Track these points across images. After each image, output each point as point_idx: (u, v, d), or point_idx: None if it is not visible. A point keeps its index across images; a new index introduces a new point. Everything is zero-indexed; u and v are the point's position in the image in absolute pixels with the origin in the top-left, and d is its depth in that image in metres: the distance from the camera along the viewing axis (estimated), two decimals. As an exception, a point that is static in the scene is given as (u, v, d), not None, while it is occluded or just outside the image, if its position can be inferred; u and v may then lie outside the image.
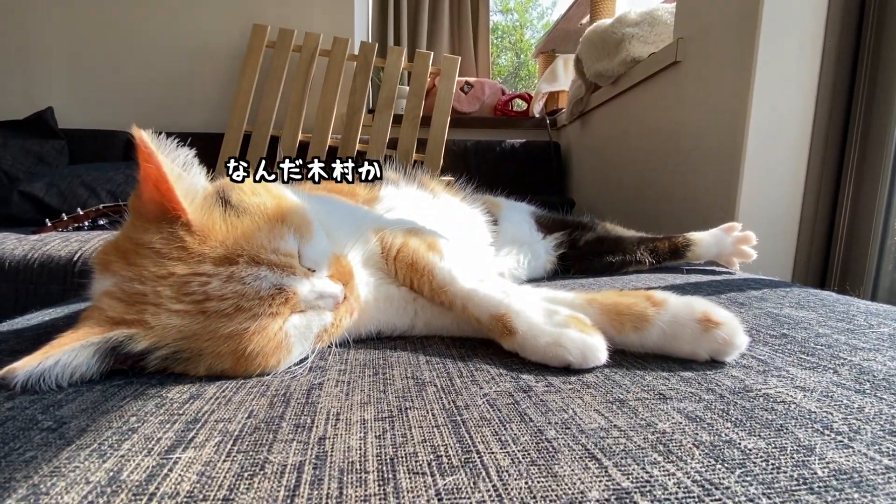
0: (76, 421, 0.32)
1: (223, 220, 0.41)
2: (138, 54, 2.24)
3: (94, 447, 0.29)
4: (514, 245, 0.90)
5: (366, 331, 0.54)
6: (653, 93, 1.51)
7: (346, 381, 0.41)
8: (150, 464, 0.27)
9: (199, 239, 0.39)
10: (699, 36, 1.28)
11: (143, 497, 0.25)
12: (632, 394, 0.39)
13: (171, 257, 0.38)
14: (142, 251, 0.40)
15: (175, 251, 0.38)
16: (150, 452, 0.29)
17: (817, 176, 1.10)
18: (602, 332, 0.44)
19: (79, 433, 0.31)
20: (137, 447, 0.29)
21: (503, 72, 6.60)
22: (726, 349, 0.43)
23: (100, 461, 0.28)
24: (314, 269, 0.45)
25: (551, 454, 0.30)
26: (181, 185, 0.40)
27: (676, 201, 1.38)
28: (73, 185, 1.80)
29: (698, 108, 1.28)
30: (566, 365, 0.43)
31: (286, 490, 0.26)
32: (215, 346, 0.39)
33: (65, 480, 0.26)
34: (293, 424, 0.33)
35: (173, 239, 0.39)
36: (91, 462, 0.27)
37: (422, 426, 0.33)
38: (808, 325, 0.58)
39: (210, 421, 0.33)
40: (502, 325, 0.46)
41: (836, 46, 1.06)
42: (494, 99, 2.36)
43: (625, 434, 0.33)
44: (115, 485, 0.26)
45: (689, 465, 0.29)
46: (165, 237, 0.39)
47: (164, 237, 0.39)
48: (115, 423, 0.32)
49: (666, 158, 1.44)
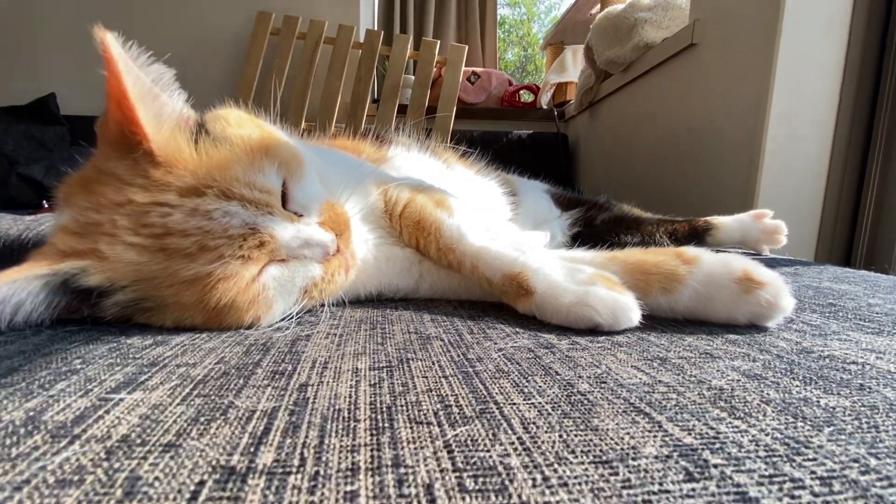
0: (8, 361, 0.27)
1: (196, 149, 0.35)
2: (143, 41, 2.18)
3: (21, 386, 0.23)
4: (535, 223, 0.84)
5: (365, 291, 0.48)
6: (667, 78, 1.46)
7: (338, 333, 0.35)
8: (83, 405, 0.22)
9: (164, 169, 0.33)
10: (717, 17, 1.23)
11: (64, 439, 0.19)
12: (672, 352, 0.33)
13: (133, 184, 0.33)
14: (103, 178, 0.34)
15: (138, 179, 0.33)
16: (87, 393, 0.23)
17: (842, 157, 1.04)
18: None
19: (7, 372, 0.25)
20: (73, 387, 0.23)
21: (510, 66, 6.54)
22: (770, 312, 0.38)
23: (22, 400, 0.22)
24: (302, 213, 0.39)
25: (587, 407, 0.24)
26: (149, 105, 0.34)
27: (693, 188, 1.32)
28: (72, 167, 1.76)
29: (716, 92, 1.22)
30: (594, 326, 0.37)
31: (250, 437, 0.20)
32: (178, 294, 0.33)
33: (-31, 418, 0.20)
34: (270, 371, 0.27)
35: (136, 166, 0.33)
36: (10, 401, 0.22)
37: (426, 376, 0.27)
38: (856, 296, 0.52)
39: (170, 365, 0.27)
40: (517, 284, 0.40)
41: (865, 23, 1.00)
42: (501, 90, 2.31)
43: (674, 390, 0.27)
44: (32, 425, 0.20)
45: (763, 422, 0.23)
46: (128, 164, 0.33)
47: (126, 163, 0.33)
48: (54, 364, 0.26)
49: (681, 145, 1.38)
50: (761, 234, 0.86)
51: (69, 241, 0.33)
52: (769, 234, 0.86)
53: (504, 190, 0.82)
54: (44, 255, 0.33)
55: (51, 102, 2.11)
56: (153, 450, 0.18)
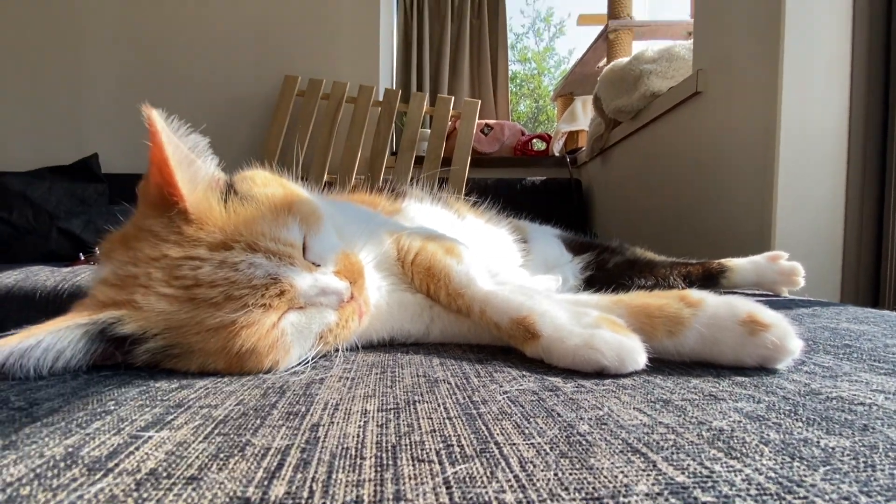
0: (49, 403, 0.29)
1: (225, 207, 0.39)
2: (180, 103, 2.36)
3: (60, 426, 0.26)
4: (546, 267, 0.85)
5: (377, 337, 0.50)
6: (675, 124, 1.50)
7: (350, 377, 0.37)
8: (116, 442, 0.24)
9: (197, 226, 0.37)
10: (720, 66, 1.28)
11: (99, 472, 0.21)
12: (677, 395, 0.34)
13: (168, 241, 0.36)
14: (141, 235, 0.38)
15: (172, 235, 0.37)
16: (119, 432, 0.25)
17: (858, 193, 1.04)
18: None
19: (48, 413, 0.27)
20: (108, 426, 0.26)
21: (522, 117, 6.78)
22: (777, 355, 0.38)
23: (61, 438, 0.24)
24: (320, 263, 0.42)
25: (585, 447, 0.25)
26: (185, 170, 0.38)
27: (709, 230, 1.32)
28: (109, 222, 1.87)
29: (724, 136, 1.25)
30: (600, 370, 0.37)
31: (265, 472, 0.21)
32: (204, 341, 0.36)
33: (17, 453, 0.22)
34: (285, 412, 0.29)
35: (171, 224, 0.37)
36: (51, 438, 0.24)
37: (431, 417, 0.29)
38: (873, 337, 0.51)
39: (194, 407, 0.29)
40: (524, 328, 0.41)
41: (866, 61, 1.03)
42: (514, 140, 2.39)
43: (673, 431, 0.27)
44: (71, 459, 0.22)
45: (759, 461, 0.23)
46: (164, 222, 0.37)
47: (162, 221, 0.37)
48: (90, 405, 0.29)
49: (694, 189, 1.40)
50: (777, 275, 0.86)
51: (108, 292, 0.36)
52: (786, 275, 0.85)
53: (515, 237, 0.85)
54: (84, 305, 0.36)
55: (93, 162, 2.28)
56: (177, 482, 0.20)
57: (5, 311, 1.32)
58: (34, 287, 1.39)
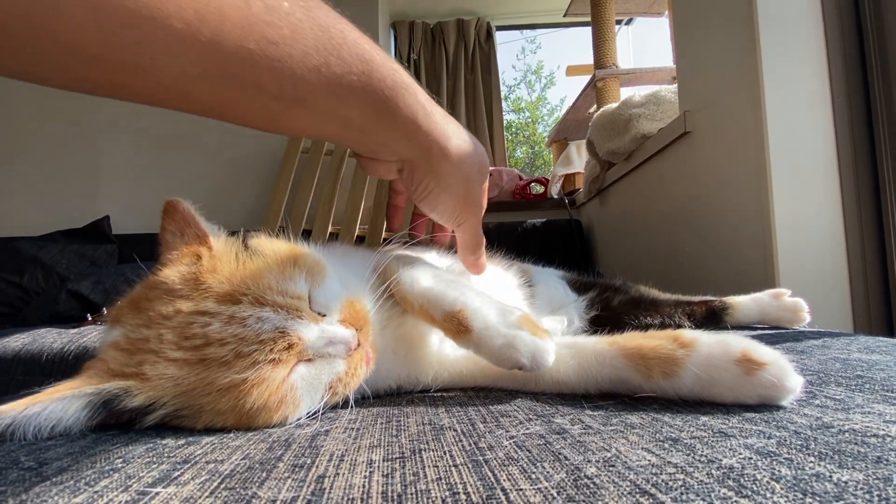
0: (59, 462, 0.29)
1: (235, 257, 0.41)
2: (188, 165, 2.50)
3: (69, 484, 0.26)
4: (551, 308, 0.85)
5: (384, 385, 0.50)
6: (668, 163, 1.54)
7: (355, 427, 0.37)
8: (124, 499, 0.24)
9: (210, 267, 0.39)
10: (705, 106, 1.33)
11: (107, 531, 0.21)
12: (685, 433, 0.33)
13: (181, 294, 0.38)
14: (153, 294, 0.39)
15: (187, 284, 0.38)
16: (127, 489, 0.25)
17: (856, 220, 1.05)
18: (629, 380, 0.41)
19: (57, 472, 0.28)
20: (115, 484, 0.26)
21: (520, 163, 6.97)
22: (776, 394, 0.37)
23: (70, 496, 0.24)
24: (325, 313, 0.43)
25: (592, 490, 0.25)
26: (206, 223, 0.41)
27: (710, 267, 1.32)
28: (118, 283, 1.90)
29: (717, 173, 1.28)
30: (518, 367, 0.41)
31: (272, 525, 0.21)
32: (215, 402, 0.36)
33: (26, 515, 0.23)
34: (291, 465, 0.29)
35: (190, 267, 0.39)
36: (61, 497, 0.24)
37: (437, 465, 0.28)
38: (886, 367, 0.50)
39: (200, 462, 0.29)
40: (458, 322, 0.44)
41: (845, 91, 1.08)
42: (513, 184, 2.45)
43: (682, 470, 0.27)
44: (79, 519, 0.22)
45: (770, 499, 0.23)
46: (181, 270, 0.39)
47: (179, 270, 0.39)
48: (98, 463, 0.29)
49: (692, 225, 1.42)
50: (782, 312, 0.85)
51: (118, 356, 0.37)
52: (791, 312, 0.84)
53: (521, 280, 0.85)
54: (94, 369, 0.37)
55: (105, 224, 2.35)
56: (183, 539, 0.20)
57: (11, 373, 1.32)
58: (41, 350, 1.39)
